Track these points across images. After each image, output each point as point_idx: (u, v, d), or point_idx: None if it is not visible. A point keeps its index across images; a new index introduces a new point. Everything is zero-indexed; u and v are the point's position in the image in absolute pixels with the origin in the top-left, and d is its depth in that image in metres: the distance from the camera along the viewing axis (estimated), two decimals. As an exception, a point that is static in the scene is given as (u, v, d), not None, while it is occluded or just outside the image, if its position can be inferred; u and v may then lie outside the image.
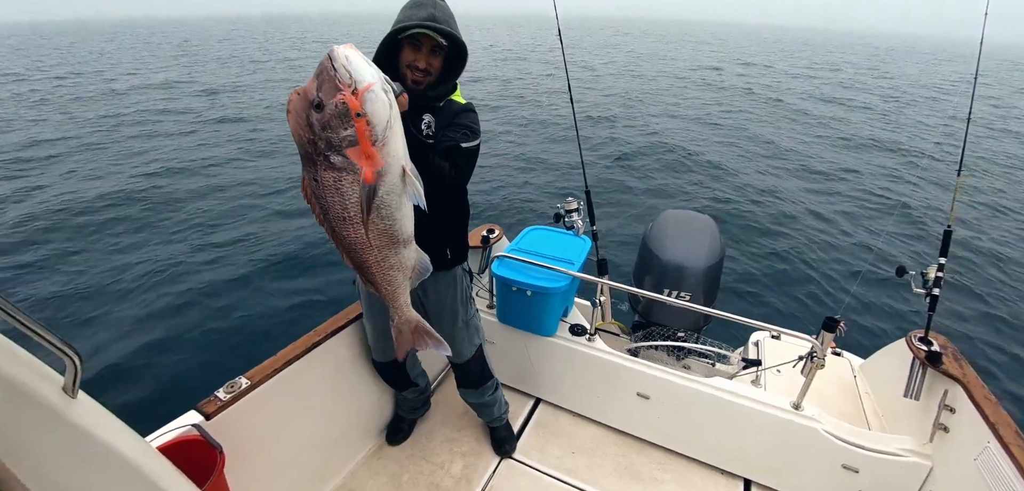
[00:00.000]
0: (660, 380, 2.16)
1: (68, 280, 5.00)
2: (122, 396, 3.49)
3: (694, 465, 2.23)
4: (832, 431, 1.94)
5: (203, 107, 14.40)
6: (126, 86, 18.11)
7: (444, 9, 1.48)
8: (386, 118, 1.00)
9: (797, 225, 6.99)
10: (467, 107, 1.62)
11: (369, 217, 1.06)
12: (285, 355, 1.77)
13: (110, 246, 5.74)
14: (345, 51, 0.97)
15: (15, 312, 0.74)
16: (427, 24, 1.41)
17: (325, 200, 1.05)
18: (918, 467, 1.85)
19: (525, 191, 7.96)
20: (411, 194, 1.10)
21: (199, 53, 32.32)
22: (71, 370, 0.87)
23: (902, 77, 29.70)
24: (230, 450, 1.43)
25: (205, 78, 20.35)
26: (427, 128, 1.56)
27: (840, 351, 2.71)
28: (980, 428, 1.67)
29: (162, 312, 4.54)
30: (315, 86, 0.96)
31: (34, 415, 0.83)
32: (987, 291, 5.47)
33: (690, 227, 2.68)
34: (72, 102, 15.04)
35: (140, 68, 24.12)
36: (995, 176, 9.84)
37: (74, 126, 11.75)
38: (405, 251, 1.17)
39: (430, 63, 1.50)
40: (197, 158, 9.27)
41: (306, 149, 1.01)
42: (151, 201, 7.09)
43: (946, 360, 1.88)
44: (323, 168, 1.01)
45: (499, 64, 26.59)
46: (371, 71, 0.99)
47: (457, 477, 2.13)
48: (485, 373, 2.06)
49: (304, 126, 0.98)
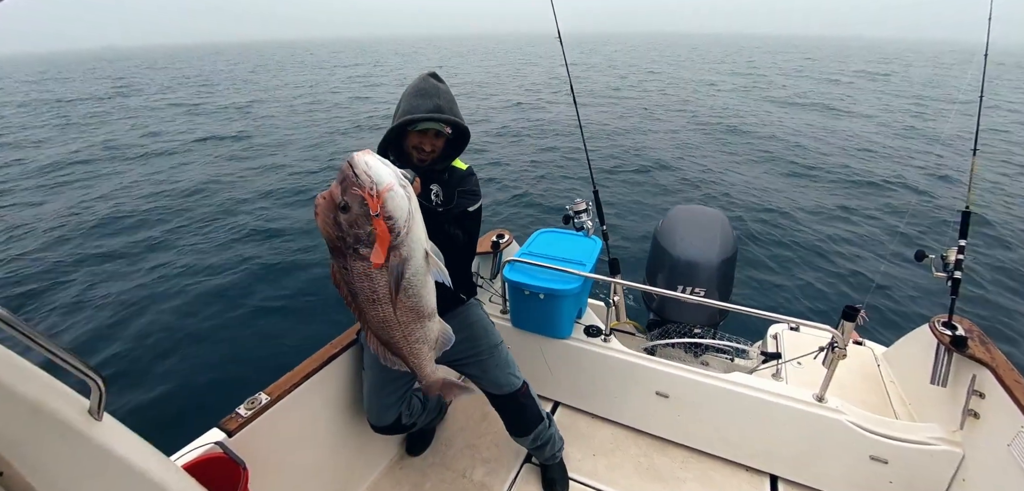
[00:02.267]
0: (679, 378, 2.14)
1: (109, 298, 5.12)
2: (144, 415, 3.55)
3: (717, 462, 2.19)
4: (858, 422, 1.90)
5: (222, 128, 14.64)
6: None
7: (447, 96, 1.59)
8: (407, 211, 1.08)
9: (812, 215, 6.90)
10: (468, 172, 1.74)
11: (397, 297, 1.16)
12: (304, 369, 1.79)
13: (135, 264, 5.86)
14: (364, 158, 1.05)
15: (41, 339, 0.77)
16: (433, 116, 1.53)
17: (354, 285, 1.14)
18: (949, 455, 1.80)
19: (534, 193, 7.96)
20: (434, 272, 1.20)
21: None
22: (96, 393, 0.89)
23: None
24: (253, 466, 1.45)
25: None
26: (436, 198, 1.66)
27: (862, 340, 2.66)
28: (1012, 412, 1.62)
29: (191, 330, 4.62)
30: (339, 191, 1.04)
31: (60, 437, 0.85)
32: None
33: (701, 222, 2.65)
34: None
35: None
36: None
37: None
38: (430, 324, 1.26)
39: (434, 145, 1.61)
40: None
41: (335, 244, 1.09)
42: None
43: (972, 344, 1.83)
44: (352, 259, 1.10)
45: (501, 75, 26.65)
46: (388, 172, 1.07)
47: (479, 483, 2.12)
48: (537, 410, 1.97)
49: (332, 225, 1.07)
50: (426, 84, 1.59)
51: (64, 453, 0.86)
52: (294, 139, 12.90)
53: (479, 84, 25.43)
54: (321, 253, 5.93)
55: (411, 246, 1.11)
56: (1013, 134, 12.73)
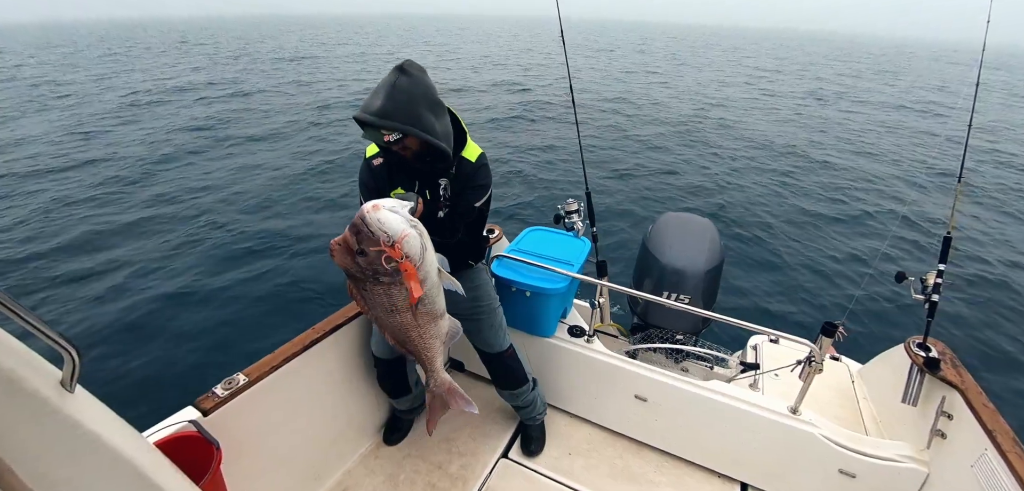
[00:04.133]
0: (658, 382, 2.16)
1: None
2: (120, 392, 3.49)
3: (691, 468, 2.22)
4: (829, 436, 1.93)
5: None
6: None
7: (404, 95, 1.39)
8: (420, 246, 1.17)
9: (796, 229, 7.00)
10: (479, 163, 1.68)
11: (417, 309, 1.27)
12: (283, 352, 1.77)
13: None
14: (375, 215, 1.11)
15: (14, 306, 0.75)
16: (375, 121, 1.38)
17: (372, 301, 1.24)
18: (915, 473, 1.85)
19: (525, 190, 7.96)
20: (446, 283, 1.32)
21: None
22: (69, 365, 0.87)
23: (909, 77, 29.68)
24: (227, 446, 1.44)
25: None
26: (444, 192, 1.65)
27: (839, 356, 2.71)
28: (978, 435, 1.66)
29: (161, 309, 4.55)
30: (355, 241, 1.12)
31: (30, 408, 0.83)
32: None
33: (690, 229, 2.67)
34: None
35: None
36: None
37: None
38: (441, 322, 1.36)
39: (403, 145, 1.47)
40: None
41: (354, 274, 1.19)
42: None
43: (944, 367, 1.88)
44: (372, 285, 1.20)
45: (497, 67, 26.59)
46: (398, 220, 1.13)
47: (454, 476, 2.13)
48: (523, 372, 2.10)
49: (350, 263, 1.16)
50: (387, 79, 1.42)
51: (33, 424, 0.84)
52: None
53: (474, 68, 25.33)
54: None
55: (427, 269, 1.22)
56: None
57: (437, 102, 1.50)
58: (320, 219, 6.79)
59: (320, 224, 6.58)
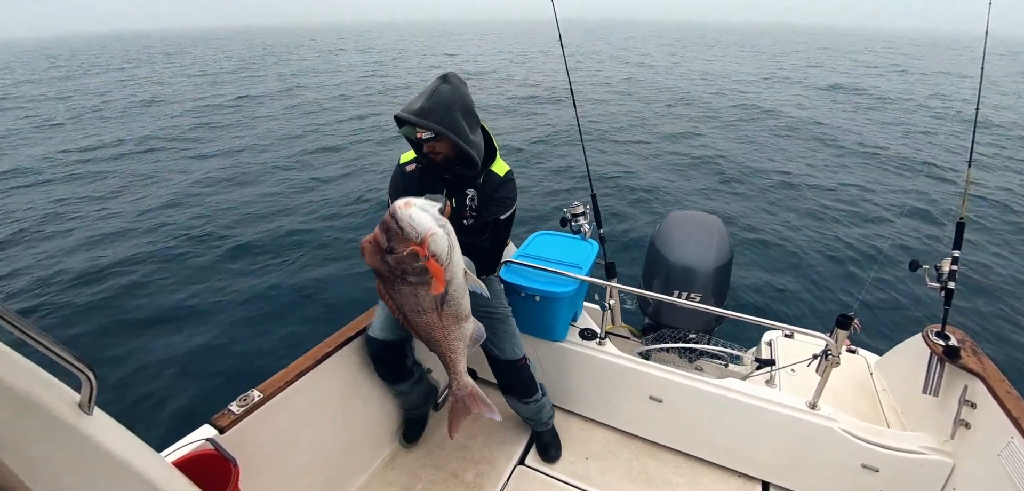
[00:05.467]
0: (672, 382, 2.14)
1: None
2: (137, 412, 3.52)
3: (709, 468, 2.20)
4: (850, 430, 1.90)
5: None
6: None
7: (444, 100, 1.52)
8: (447, 245, 1.21)
9: (809, 222, 6.93)
10: (506, 178, 1.77)
11: (441, 311, 1.33)
12: (297, 367, 1.78)
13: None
14: (406, 211, 1.15)
15: (33, 331, 0.76)
16: (415, 119, 1.51)
17: (400, 300, 1.29)
18: (940, 465, 1.81)
19: (532, 195, 7.96)
20: (471, 285, 1.37)
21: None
22: (87, 387, 0.88)
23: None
24: (244, 463, 1.44)
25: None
26: (471, 203, 1.70)
27: (855, 348, 2.67)
28: (1002, 423, 1.63)
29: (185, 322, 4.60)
30: (384, 239, 1.16)
31: (49, 430, 0.84)
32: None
33: (697, 227, 2.66)
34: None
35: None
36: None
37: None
38: (466, 324, 1.41)
39: (433, 147, 1.59)
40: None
41: (383, 273, 1.24)
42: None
43: (964, 354, 1.84)
44: (400, 283, 1.25)
45: (507, 64, 26.71)
46: (428, 218, 1.17)
47: (470, 485, 2.12)
48: (535, 382, 2.10)
49: (380, 262, 1.20)
50: (431, 85, 1.57)
51: (52, 446, 0.85)
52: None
53: (479, 73, 25.47)
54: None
55: (453, 270, 1.26)
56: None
57: (473, 113, 1.62)
58: (332, 226, 6.89)
59: (333, 231, 6.69)
